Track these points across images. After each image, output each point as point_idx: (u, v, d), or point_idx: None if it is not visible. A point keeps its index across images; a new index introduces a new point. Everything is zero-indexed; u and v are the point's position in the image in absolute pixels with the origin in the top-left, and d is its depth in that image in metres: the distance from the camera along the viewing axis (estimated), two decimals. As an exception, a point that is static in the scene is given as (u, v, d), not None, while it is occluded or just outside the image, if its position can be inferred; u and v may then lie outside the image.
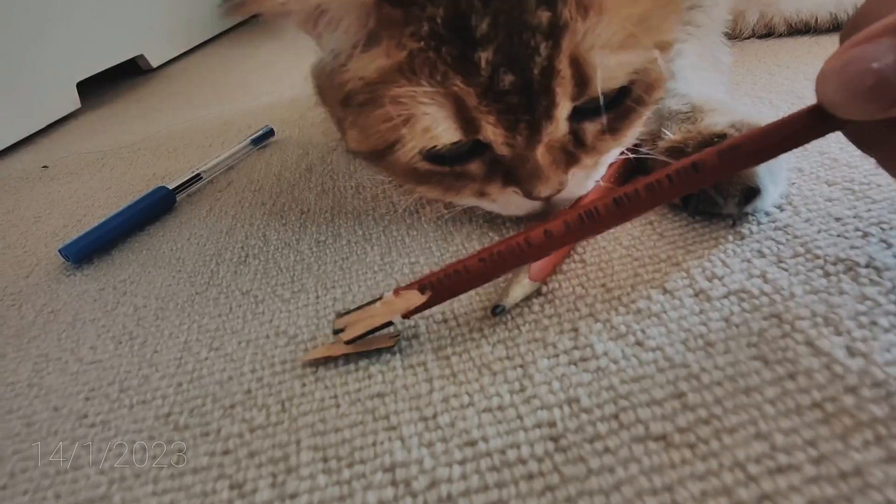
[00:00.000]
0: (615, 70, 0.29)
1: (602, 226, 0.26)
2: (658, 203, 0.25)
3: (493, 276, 0.27)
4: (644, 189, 0.24)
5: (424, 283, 0.27)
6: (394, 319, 0.28)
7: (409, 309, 0.27)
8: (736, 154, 0.24)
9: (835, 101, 0.21)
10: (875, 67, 0.19)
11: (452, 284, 0.27)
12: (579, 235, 0.26)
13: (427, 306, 0.27)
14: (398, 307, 0.27)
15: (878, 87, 0.19)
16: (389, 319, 0.27)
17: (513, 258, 0.26)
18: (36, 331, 0.38)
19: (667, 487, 0.20)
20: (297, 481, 0.23)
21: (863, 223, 0.30)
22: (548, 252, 0.27)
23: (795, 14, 0.61)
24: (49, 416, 0.30)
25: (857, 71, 0.19)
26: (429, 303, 0.27)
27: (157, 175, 0.62)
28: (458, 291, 0.28)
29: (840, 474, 0.19)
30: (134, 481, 0.25)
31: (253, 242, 0.43)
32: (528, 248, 0.26)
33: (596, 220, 0.25)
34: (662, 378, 0.24)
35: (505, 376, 0.26)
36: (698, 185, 0.25)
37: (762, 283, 0.28)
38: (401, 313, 0.27)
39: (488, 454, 0.23)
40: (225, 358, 0.31)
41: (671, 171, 0.24)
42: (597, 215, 0.25)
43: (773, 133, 0.23)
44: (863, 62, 0.19)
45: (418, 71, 0.29)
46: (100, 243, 0.46)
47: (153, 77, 1.19)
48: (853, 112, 0.21)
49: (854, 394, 0.21)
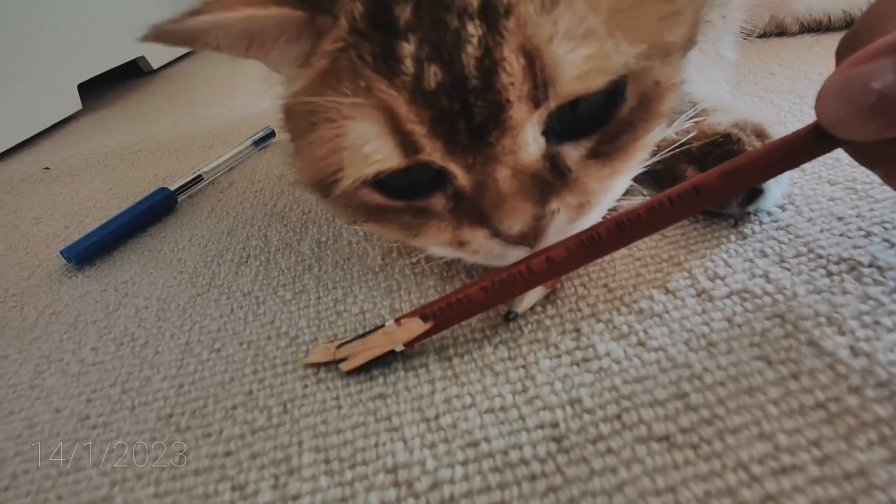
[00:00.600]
0: (587, 65, 0.23)
1: (604, 250, 0.25)
2: (661, 227, 0.25)
3: (495, 303, 0.27)
4: (645, 212, 0.24)
5: (426, 312, 0.27)
6: (395, 348, 0.27)
7: (410, 338, 0.27)
8: (738, 175, 0.23)
9: (835, 121, 0.21)
10: (875, 87, 0.18)
11: (454, 314, 0.27)
12: (581, 261, 0.26)
13: (429, 335, 0.27)
14: (400, 336, 0.27)
15: (879, 108, 0.19)
16: (391, 349, 0.27)
17: (514, 286, 0.26)
18: (37, 332, 0.38)
19: (670, 488, 0.20)
20: (300, 483, 0.23)
21: (865, 222, 0.29)
22: (549, 278, 0.26)
23: (807, 13, 0.61)
24: (51, 418, 0.30)
25: (857, 91, 0.19)
26: (431, 331, 0.27)
27: (158, 176, 0.62)
28: (460, 319, 0.27)
29: (844, 475, 0.19)
30: (136, 483, 0.25)
31: (254, 243, 0.43)
32: (529, 275, 0.26)
33: (598, 245, 0.25)
34: (665, 378, 0.24)
35: (507, 377, 0.26)
36: (701, 208, 0.24)
37: (765, 282, 0.27)
38: (402, 342, 0.27)
39: (491, 455, 0.23)
40: (226, 359, 0.31)
41: (672, 194, 0.24)
42: (599, 240, 0.25)
43: (774, 153, 0.23)
44: (863, 82, 0.19)
45: (341, 78, 0.25)
46: (101, 245, 0.46)
47: (154, 78, 1.19)
48: (853, 132, 0.20)
49: (858, 394, 0.21)
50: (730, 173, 0.23)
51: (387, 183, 0.27)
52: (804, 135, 0.23)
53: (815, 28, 0.62)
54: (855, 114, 0.19)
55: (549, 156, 0.26)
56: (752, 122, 0.33)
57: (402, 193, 0.28)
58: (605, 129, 0.26)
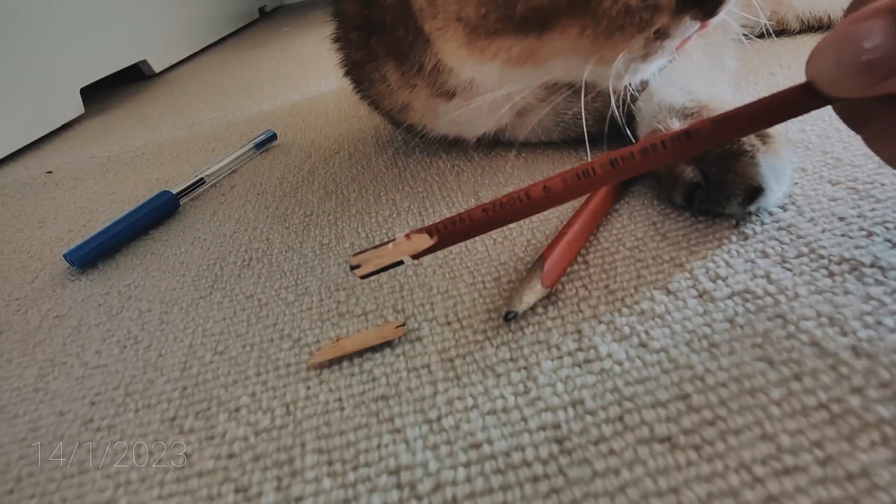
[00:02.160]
0: None
1: (597, 184, 0.27)
2: (651, 167, 0.26)
3: (495, 225, 0.29)
4: (639, 152, 0.26)
5: (432, 228, 0.29)
6: (404, 259, 0.29)
7: (417, 251, 0.29)
8: (728, 123, 0.25)
9: (824, 77, 0.22)
10: (866, 47, 0.20)
11: (457, 230, 0.29)
12: (576, 192, 0.27)
13: (434, 249, 0.29)
14: (408, 248, 0.29)
15: (867, 65, 0.20)
16: (400, 259, 0.29)
17: (513, 209, 0.28)
18: (41, 336, 0.38)
19: (672, 489, 0.20)
20: (303, 484, 0.23)
21: (867, 222, 0.29)
22: (545, 207, 0.28)
23: (808, 11, 0.61)
24: (55, 421, 0.30)
25: (848, 49, 0.20)
26: (436, 246, 0.29)
27: (160, 180, 0.62)
28: (463, 238, 0.29)
29: (847, 475, 0.19)
30: (140, 485, 0.25)
31: (256, 246, 0.43)
32: (527, 200, 0.27)
33: (592, 178, 0.26)
34: (667, 379, 0.24)
35: (509, 378, 0.26)
36: (691, 152, 0.26)
37: (766, 283, 0.27)
38: (410, 254, 0.29)
39: (493, 457, 0.23)
40: (229, 361, 0.31)
41: (665, 138, 0.25)
42: (592, 174, 0.26)
43: (764, 105, 0.24)
44: (855, 41, 0.20)
45: None
46: (104, 248, 0.46)
47: (156, 82, 1.20)
48: (842, 88, 0.21)
49: (860, 394, 0.21)
50: (720, 122, 0.25)
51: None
52: (795, 90, 0.23)
53: (816, 26, 0.62)
54: (845, 70, 0.21)
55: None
56: None
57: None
58: None
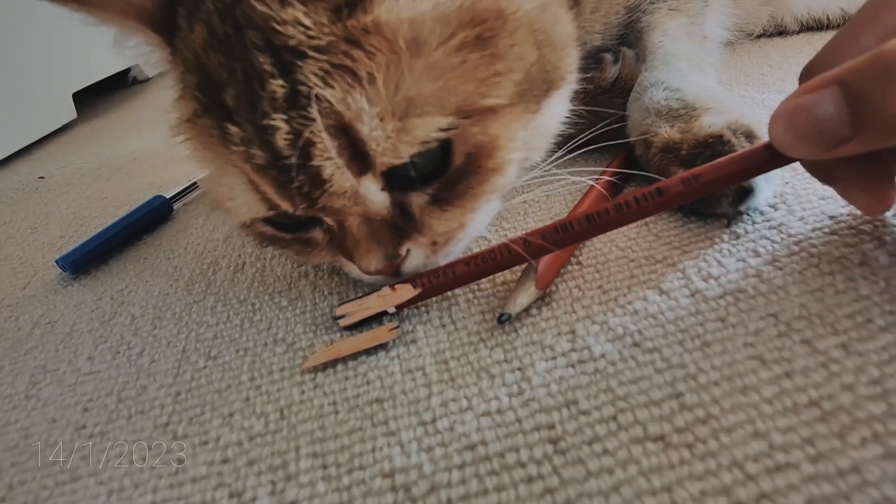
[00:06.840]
0: (389, 142, 0.26)
1: (575, 238, 0.29)
2: (626, 222, 0.28)
3: (477, 278, 0.31)
4: (613, 209, 0.28)
5: (416, 281, 0.30)
6: (388, 310, 0.30)
7: (401, 301, 0.30)
8: (698, 183, 0.26)
9: (782, 142, 0.24)
10: (818, 115, 0.21)
11: (440, 283, 0.30)
12: (555, 246, 0.28)
13: (418, 300, 0.31)
14: (392, 300, 0.30)
15: (819, 135, 0.22)
16: (384, 309, 0.30)
17: (493, 264, 0.29)
18: (33, 342, 0.38)
19: (666, 488, 0.20)
20: (297, 488, 0.23)
21: (857, 221, 0.30)
22: (523, 260, 0.29)
23: (806, 12, 0.61)
24: (47, 428, 0.30)
25: (801, 117, 0.22)
26: (419, 297, 0.30)
27: (153, 184, 0.62)
28: (445, 290, 0.31)
29: (838, 472, 0.19)
30: (133, 491, 0.25)
31: (249, 250, 0.43)
32: (509, 255, 0.29)
33: (570, 233, 0.28)
34: (660, 379, 0.24)
35: (503, 379, 0.26)
36: (663, 208, 0.28)
37: (758, 282, 0.28)
38: (394, 304, 0.30)
39: (487, 458, 0.23)
40: (223, 366, 0.31)
41: (638, 194, 0.27)
42: (570, 229, 0.28)
43: (732, 165, 0.26)
44: (807, 110, 0.22)
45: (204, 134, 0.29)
46: (97, 254, 0.46)
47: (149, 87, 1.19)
48: (798, 153, 0.24)
49: (851, 391, 0.21)
50: (689, 180, 0.26)
51: (274, 220, 0.31)
52: (759, 151, 0.26)
53: (815, 27, 0.62)
54: (798, 137, 0.23)
55: (399, 203, 0.29)
56: (744, 123, 0.33)
57: (289, 228, 0.32)
58: (442, 180, 0.29)
